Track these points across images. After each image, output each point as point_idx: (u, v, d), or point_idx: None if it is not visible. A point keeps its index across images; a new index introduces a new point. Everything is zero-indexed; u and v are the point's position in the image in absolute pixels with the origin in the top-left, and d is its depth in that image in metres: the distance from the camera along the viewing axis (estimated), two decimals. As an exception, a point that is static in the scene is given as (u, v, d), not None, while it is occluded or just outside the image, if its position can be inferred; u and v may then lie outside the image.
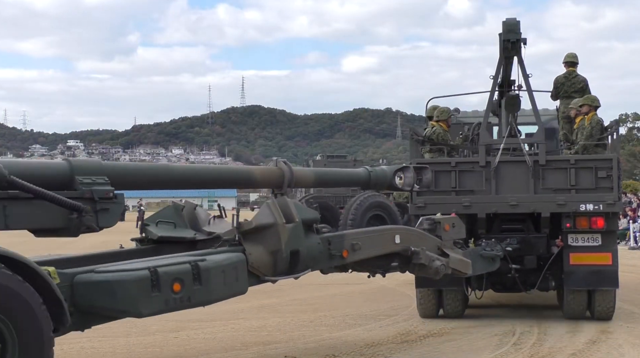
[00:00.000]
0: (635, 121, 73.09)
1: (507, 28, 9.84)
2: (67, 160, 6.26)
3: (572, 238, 9.88)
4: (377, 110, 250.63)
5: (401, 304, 11.50)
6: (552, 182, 9.84)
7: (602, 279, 9.79)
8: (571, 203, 9.69)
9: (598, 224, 9.78)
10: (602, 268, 9.82)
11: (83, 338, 8.86)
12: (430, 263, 8.10)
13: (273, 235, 6.77)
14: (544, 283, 10.25)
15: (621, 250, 24.00)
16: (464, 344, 8.29)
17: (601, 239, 9.86)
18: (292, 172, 7.56)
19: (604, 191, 9.69)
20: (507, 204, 9.86)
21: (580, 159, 9.93)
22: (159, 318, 10.24)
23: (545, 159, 9.88)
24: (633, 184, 48.44)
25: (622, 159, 53.23)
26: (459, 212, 9.49)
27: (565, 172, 9.81)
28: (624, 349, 7.90)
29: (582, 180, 9.77)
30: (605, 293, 9.87)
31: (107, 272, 5.61)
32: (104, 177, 6.24)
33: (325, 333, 8.94)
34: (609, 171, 9.74)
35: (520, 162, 9.91)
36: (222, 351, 8.07)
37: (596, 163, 9.81)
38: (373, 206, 8.14)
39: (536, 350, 7.85)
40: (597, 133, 10.48)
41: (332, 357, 7.65)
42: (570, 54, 11.58)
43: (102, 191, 6.10)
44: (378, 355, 7.69)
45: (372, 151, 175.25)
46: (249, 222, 6.74)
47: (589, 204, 9.65)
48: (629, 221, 26.10)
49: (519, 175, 9.91)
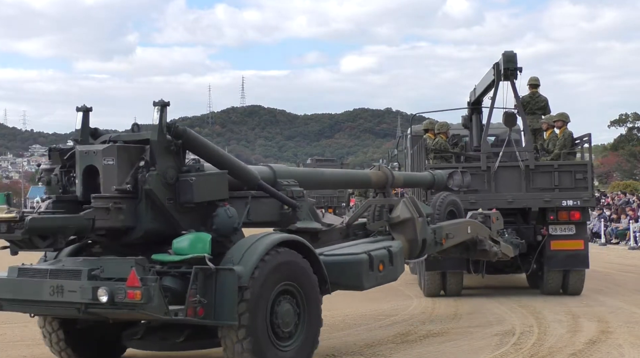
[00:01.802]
0: (635, 121, 73.00)
1: (507, 59, 11.86)
2: (269, 166, 7.94)
3: (552, 228, 12.00)
4: (377, 110, 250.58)
5: (401, 304, 11.51)
6: (540, 182, 12.02)
7: (576, 261, 12.01)
8: (555, 199, 11.89)
9: (575, 216, 11.99)
10: (576, 252, 11.99)
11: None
12: (490, 249, 10.24)
13: (410, 226, 8.60)
14: (527, 265, 12.30)
15: (621, 250, 24.18)
16: (464, 344, 8.29)
17: (575, 229, 12.05)
18: (393, 175, 9.35)
19: (581, 190, 11.91)
20: (504, 201, 11.89)
21: (562, 164, 12.16)
22: (159, 318, 10.25)
23: (534, 164, 12.02)
24: (633, 184, 48.37)
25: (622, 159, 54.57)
26: (466, 207, 10.84)
27: (550, 175, 12.00)
28: (624, 349, 7.90)
29: (563, 181, 11.98)
30: (578, 272, 12.14)
31: (338, 255, 7.49)
32: (294, 180, 7.85)
33: (325, 333, 8.92)
34: (585, 174, 11.98)
35: (514, 167, 12.00)
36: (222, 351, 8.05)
37: (574, 167, 12.12)
38: (450, 203, 10.00)
39: (536, 350, 7.85)
40: (569, 143, 12.78)
41: (332, 357, 7.66)
42: (533, 77, 13.68)
43: (298, 191, 7.76)
44: (378, 355, 7.69)
45: (372, 151, 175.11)
46: (397, 216, 8.59)
47: (569, 200, 11.86)
48: (629, 221, 26.08)
49: (513, 177, 12.01)
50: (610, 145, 78.68)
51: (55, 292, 6.06)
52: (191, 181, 6.50)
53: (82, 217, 6.19)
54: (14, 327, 9.75)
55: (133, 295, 5.71)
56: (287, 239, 6.82)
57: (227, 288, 6.16)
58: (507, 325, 9.43)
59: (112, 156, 6.39)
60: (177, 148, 6.63)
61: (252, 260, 6.35)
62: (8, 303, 6.54)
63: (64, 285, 6.04)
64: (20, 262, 6.73)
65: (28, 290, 6.29)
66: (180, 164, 6.67)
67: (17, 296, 6.38)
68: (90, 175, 6.51)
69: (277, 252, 6.59)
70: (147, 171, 6.39)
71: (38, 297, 6.20)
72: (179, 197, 6.53)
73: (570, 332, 8.91)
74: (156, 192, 6.39)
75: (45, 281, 6.19)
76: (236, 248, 6.54)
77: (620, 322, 9.63)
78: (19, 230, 6.03)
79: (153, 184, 6.37)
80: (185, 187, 6.51)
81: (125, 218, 6.39)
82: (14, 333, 9.31)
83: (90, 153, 6.51)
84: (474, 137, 14.06)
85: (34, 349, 8.25)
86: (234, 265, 6.27)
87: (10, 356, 7.94)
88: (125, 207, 6.37)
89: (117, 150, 6.42)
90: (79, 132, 6.86)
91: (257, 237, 6.64)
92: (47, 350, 8.14)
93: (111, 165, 6.38)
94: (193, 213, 6.66)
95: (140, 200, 6.42)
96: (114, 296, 5.77)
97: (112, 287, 5.80)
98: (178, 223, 6.60)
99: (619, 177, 64.15)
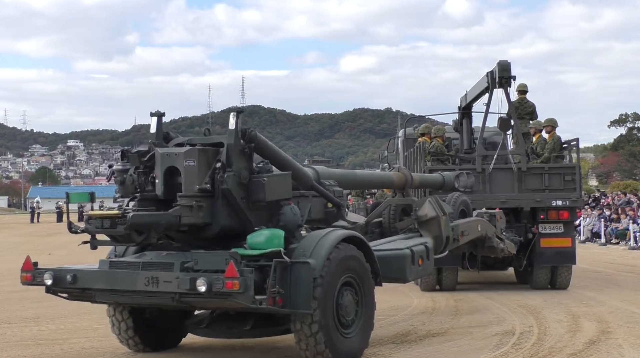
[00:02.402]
0: (635, 121, 72.98)
1: (502, 68, 12.64)
2: (313, 168, 8.38)
3: (542, 227, 12.69)
4: (377, 110, 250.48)
5: (401, 304, 11.51)
6: (531, 184, 12.71)
7: (564, 258, 12.70)
8: (545, 200, 12.56)
9: (564, 216, 12.68)
10: (564, 249, 12.66)
11: (83, 338, 8.89)
12: (497, 246, 10.93)
13: (436, 224, 9.23)
14: (518, 262, 12.95)
15: (621, 250, 24.16)
16: (464, 344, 8.29)
17: (563, 227, 12.73)
18: (411, 177, 9.97)
19: (570, 191, 12.58)
20: (498, 201, 12.53)
21: (552, 167, 12.83)
22: (159, 318, 10.26)
23: (526, 166, 12.73)
24: (633, 184, 48.37)
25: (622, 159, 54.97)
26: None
27: (540, 177, 12.71)
28: (624, 349, 7.90)
29: (553, 182, 12.67)
30: (565, 268, 12.81)
31: (384, 250, 8.15)
32: (334, 180, 8.38)
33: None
34: (573, 176, 12.63)
35: (507, 169, 12.73)
36: (223, 351, 8.08)
37: (563, 170, 12.77)
38: (461, 203, 10.54)
39: (536, 350, 7.85)
40: (558, 147, 13.42)
41: (332, 357, 7.64)
42: (521, 84, 14.25)
43: (339, 191, 8.34)
44: (378, 355, 7.69)
45: (372, 151, 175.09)
46: (425, 215, 9.22)
47: (559, 201, 12.52)
48: (630, 221, 26.07)
49: (506, 179, 12.72)
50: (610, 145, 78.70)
51: (151, 282, 6.61)
52: (264, 181, 7.10)
53: (171, 214, 6.75)
54: (14, 327, 9.77)
55: (231, 285, 6.25)
56: (348, 235, 7.45)
57: (302, 280, 6.78)
58: (507, 325, 9.43)
59: (193, 158, 6.90)
60: (250, 151, 7.21)
61: (322, 254, 6.96)
62: (101, 293, 7.06)
63: (159, 276, 6.60)
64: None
65: (123, 281, 6.85)
66: (251, 166, 7.24)
67: (112, 286, 6.93)
68: (170, 176, 6.97)
69: (341, 247, 7.19)
70: (224, 172, 6.95)
71: (133, 287, 6.74)
72: (252, 196, 7.12)
73: (570, 332, 8.91)
74: (232, 191, 6.97)
75: (139, 273, 6.77)
76: (305, 243, 7.13)
77: (620, 322, 9.63)
78: (121, 226, 6.67)
79: (230, 184, 6.95)
80: (258, 186, 7.10)
81: (204, 215, 6.94)
82: (14, 333, 9.32)
83: (171, 155, 6.99)
84: (464, 140, 15.03)
85: (34, 349, 8.26)
86: (306, 259, 6.87)
87: (10, 356, 7.94)
88: (204, 205, 6.92)
89: (198, 152, 6.94)
90: (154, 135, 7.33)
91: (323, 233, 7.27)
92: (46, 350, 8.14)
93: (192, 167, 6.89)
94: (262, 211, 7.25)
95: (217, 198, 6.98)
96: (212, 286, 6.30)
97: (210, 277, 6.34)
98: (249, 220, 7.16)
99: (619, 177, 64.18)
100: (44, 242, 29.70)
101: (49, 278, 7.07)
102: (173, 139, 7.47)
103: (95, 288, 7.04)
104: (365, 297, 7.46)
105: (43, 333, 9.30)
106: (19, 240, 31.49)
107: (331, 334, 6.95)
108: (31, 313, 10.88)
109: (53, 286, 7.10)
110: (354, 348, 7.32)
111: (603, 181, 68.87)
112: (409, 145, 15.45)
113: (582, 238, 28.64)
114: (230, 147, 7.06)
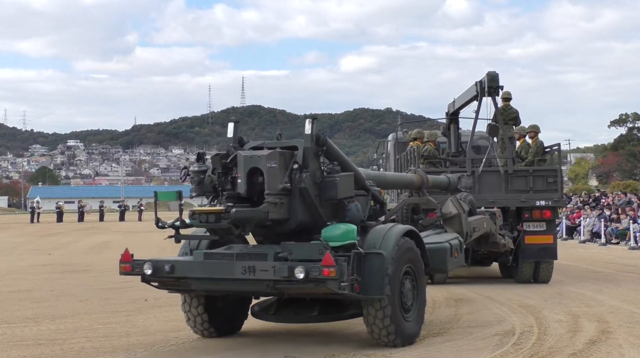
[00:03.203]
0: (635, 121, 73.00)
1: (490, 78, 13.61)
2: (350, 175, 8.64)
3: (527, 225, 13.72)
4: (377, 110, 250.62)
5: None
6: (517, 185, 13.71)
7: (546, 253, 13.71)
8: (529, 200, 13.59)
9: (547, 215, 13.72)
10: (547, 246, 13.68)
11: (83, 338, 8.89)
12: (500, 241, 11.75)
13: (458, 221, 10.12)
14: (505, 257, 13.94)
15: (621, 250, 24.14)
16: (464, 344, 8.29)
17: (546, 226, 13.76)
18: (427, 178, 10.56)
19: (552, 192, 13.61)
20: (487, 201, 13.32)
21: (536, 169, 13.89)
22: (159, 318, 10.27)
23: (512, 169, 13.74)
24: (633, 184, 48.36)
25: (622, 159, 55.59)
26: None
27: (525, 179, 13.73)
28: (624, 349, 7.90)
29: (537, 184, 13.68)
30: (547, 263, 13.84)
31: (428, 244, 8.88)
32: (373, 181, 8.98)
33: (325, 334, 8.95)
34: (555, 178, 13.67)
35: (495, 171, 13.73)
36: (222, 351, 8.08)
37: (546, 172, 13.79)
38: (469, 202, 11.18)
39: (536, 350, 7.85)
40: (541, 151, 14.65)
41: (332, 356, 7.66)
42: (505, 92, 14.90)
43: (378, 191, 9.01)
44: (378, 355, 7.69)
45: (372, 151, 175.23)
46: (449, 212, 10.09)
47: (542, 201, 13.56)
48: (630, 221, 26.07)
49: (494, 180, 13.69)
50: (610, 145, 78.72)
51: (247, 271, 7.31)
52: (336, 181, 7.89)
53: (261, 210, 7.50)
54: (14, 327, 9.77)
55: (328, 272, 6.98)
56: (407, 230, 8.31)
57: (375, 269, 7.61)
58: (507, 325, 9.43)
59: (275, 160, 7.64)
60: (322, 153, 7.99)
61: (390, 246, 7.81)
62: (197, 281, 7.74)
63: (256, 265, 7.30)
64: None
65: (220, 270, 7.56)
66: (321, 167, 8.01)
67: (209, 275, 7.64)
68: (252, 176, 7.70)
69: (403, 240, 8.05)
70: (301, 172, 7.74)
71: (230, 276, 7.45)
72: (324, 194, 7.89)
73: (570, 332, 8.91)
74: (309, 190, 7.75)
75: (235, 263, 7.49)
76: (373, 237, 7.95)
77: (620, 322, 9.63)
78: (225, 220, 7.42)
79: (307, 183, 7.73)
80: (331, 185, 7.89)
81: (284, 211, 7.71)
82: (14, 333, 9.32)
83: (254, 157, 7.72)
84: (452, 144, 16.02)
85: (34, 349, 8.26)
86: (379, 250, 7.72)
87: (10, 356, 7.94)
88: (285, 202, 7.70)
89: (279, 155, 7.69)
90: (232, 140, 8.18)
91: (388, 228, 8.12)
92: (46, 350, 8.15)
93: (274, 168, 7.64)
94: (330, 207, 8.00)
95: (295, 196, 7.75)
96: (309, 273, 7.01)
97: (307, 266, 7.04)
98: (320, 216, 7.91)
99: (619, 177, 64.17)
100: (44, 242, 29.71)
101: (148, 268, 7.69)
102: (246, 142, 8.25)
103: (191, 277, 7.69)
104: (420, 285, 8.36)
105: (43, 333, 9.29)
106: (19, 240, 31.49)
107: (398, 317, 7.83)
108: (31, 313, 10.88)
109: (152, 276, 7.72)
110: (413, 330, 8.24)
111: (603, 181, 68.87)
112: (399, 148, 16.55)
113: (582, 238, 28.66)
114: (307, 150, 7.84)
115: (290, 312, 8.43)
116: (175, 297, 9.19)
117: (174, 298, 11.97)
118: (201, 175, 7.95)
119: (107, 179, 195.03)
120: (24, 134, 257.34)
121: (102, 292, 13.28)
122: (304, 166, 7.78)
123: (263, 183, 7.65)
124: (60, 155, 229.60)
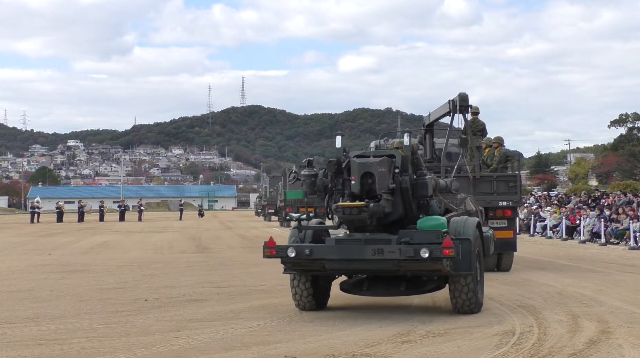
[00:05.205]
0: (635, 121, 73.04)
1: (461, 98, 15.64)
2: (431, 177, 10.50)
3: (491, 222, 15.99)
4: (377, 110, 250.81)
5: (401, 304, 11.51)
6: (483, 188, 16.18)
7: (507, 246, 16.07)
8: (494, 201, 16.14)
9: (508, 213, 16.33)
10: (508, 240, 16.06)
11: (83, 338, 8.88)
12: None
13: (476, 216, 11.33)
14: None
15: (621, 250, 24.14)
16: (464, 344, 8.29)
17: (507, 223, 16.31)
18: (437, 182, 11.24)
19: (512, 194, 16.27)
20: None
21: (499, 175, 16.54)
22: (159, 318, 10.27)
23: (480, 175, 16.23)
24: (633, 184, 48.37)
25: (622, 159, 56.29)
26: None
27: (490, 183, 16.27)
28: (624, 349, 7.89)
29: (500, 188, 16.27)
30: (508, 255, 16.36)
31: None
32: None
33: (325, 334, 8.94)
34: (515, 183, 16.33)
35: (465, 177, 16.03)
36: (222, 351, 8.07)
37: (507, 178, 16.46)
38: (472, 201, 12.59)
39: (536, 350, 7.84)
40: (504, 160, 17.24)
41: (332, 356, 7.65)
42: (474, 106, 16.86)
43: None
44: (378, 355, 7.69)
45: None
46: (472, 209, 11.75)
47: (504, 202, 16.18)
48: (630, 221, 26.05)
49: (464, 184, 15.19)
50: (610, 145, 78.79)
51: (377, 252, 9.12)
52: (428, 182, 9.86)
53: (381, 205, 9.38)
54: (14, 327, 9.76)
55: (448, 252, 8.90)
56: (478, 221, 10.31)
57: (465, 251, 9.44)
58: (507, 325, 9.43)
59: (384, 165, 9.52)
60: (415, 161, 9.96)
61: (471, 233, 9.77)
62: (331, 262, 9.49)
63: (384, 248, 9.13)
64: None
65: (354, 252, 9.32)
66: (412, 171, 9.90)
67: (344, 257, 9.40)
68: (364, 178, 9.52)
69: (476, 229, 9.98)
70: (401, 175, 9.69)
71: (361, 257, 9.23)
72: (417, 192, 9.85)
73: (570, 332, 8.91)
74: (408, 189, 9.69)
75: (365, 246, 9.26)
76: (454, 226, 9.80)
77: (620, 322, 9.63)
78: (365, 213, 9.31)
79: (407, 184, 9.69)
80: (424, 186, 9.86)
81: (390, 207, 9.55)
82: (14, 333, 9.32)
83: (367, 163, 9.55)
84: (427, 152, 17.97)
85: (34, 349, 8.25)
86: (466, 236, 9.66)
87: (10, 356, 7.94)
88: (391, 199, 9.57)
89: (386, 161, 9.57)
90: (340, 149, 9.93)
91: (464, 219, 10.10)
92: (46, 350, 8.15)
93: (383, 172, 9.50)
94: (418, 203, 9.90)
95: (397, 194, 9.67)
96: (432, 253, 8.90)
97: (430, 247, 8.95)
98: (412, 211, 9.83)
99: (619, 177, 64.20)
100: (44, 242, 29.72)
101: (292, 252, 9.41)
102: (349, 151, 10.06)
103: (327, 258, 9.42)
104: (481, 264, 10.25)
105: (43, 333, 9.29)
106: (19, 240, 31.49)
107: (477, 289, 9.85)
108: (31, 313, 10.87)
109: (295, 258, 9.41)
110: (481, 300, 10.22)
111: (603, 181, 68.92)
112: None
113: (582, 238, 28.65)
114: (406, 158, 9.81)
115: (382, 287, 10.11)
116: (175, 297, 9.19)
117: (174, 298, 11.96)
118: (312, 178, 9.92)
119: (107, 179, 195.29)
120: (24, 134, 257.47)
121: (102, 292, 13.26)
122: (403, 170, 9.68)
123: (372, 184, 9.42)
124: (60, 155, 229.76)
